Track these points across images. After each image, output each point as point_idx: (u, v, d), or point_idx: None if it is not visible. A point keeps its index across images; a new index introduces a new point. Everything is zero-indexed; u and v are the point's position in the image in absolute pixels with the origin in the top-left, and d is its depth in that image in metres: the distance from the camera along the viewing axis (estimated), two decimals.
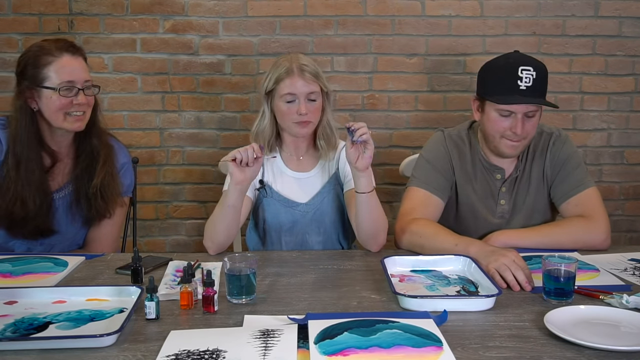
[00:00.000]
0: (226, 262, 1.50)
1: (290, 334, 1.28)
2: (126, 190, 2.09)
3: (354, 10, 2.82)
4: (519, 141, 1.91)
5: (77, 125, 1.88)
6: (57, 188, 1.96)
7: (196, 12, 2.81)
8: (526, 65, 1.85)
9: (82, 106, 1.87)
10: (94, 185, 1.93)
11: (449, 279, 1.64)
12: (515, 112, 1.87)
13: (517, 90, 1.84)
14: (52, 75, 1.83)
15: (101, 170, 1.94)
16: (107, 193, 1.95)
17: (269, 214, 2.01)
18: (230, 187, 1.79)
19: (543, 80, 1.88)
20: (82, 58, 1.91)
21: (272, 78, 1.94)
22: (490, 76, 1.93)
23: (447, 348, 1.22)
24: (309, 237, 2.02)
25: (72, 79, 1.84)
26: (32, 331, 1.31)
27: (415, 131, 2.92)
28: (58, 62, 1.84)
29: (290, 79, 1.91)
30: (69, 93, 1.84)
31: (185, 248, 2.97)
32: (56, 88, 1.82)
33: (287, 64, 1.93)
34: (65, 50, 1.86)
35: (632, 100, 2.93)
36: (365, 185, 1.78)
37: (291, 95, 1.91)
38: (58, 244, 2.00)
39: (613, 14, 2.84)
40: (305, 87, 1.91)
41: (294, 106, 1.91)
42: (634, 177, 2.99)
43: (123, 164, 2.06)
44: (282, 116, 1.94)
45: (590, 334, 1.29)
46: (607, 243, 1.89)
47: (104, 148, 1.97)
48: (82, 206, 1.96)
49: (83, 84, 1.87)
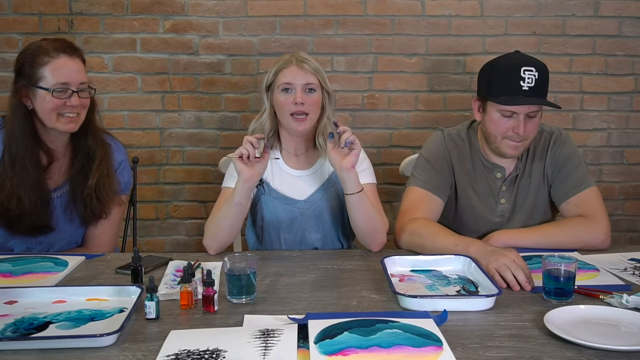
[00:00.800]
0: (226, 262, 1.50)
1: (290, 334, 1.28)
2: (124, 188, 2.08)
3: (354, 10, 2.82)
4: (520, 142, 1.91)
5: (70, 126, 1.88)
6: (54, 187, 1.96)
7: (196, 12, 2.81)
8: (528, 65, 1.85)
9: (75, 108, 1.86)
10: (89, 186, 1.93)
11: (449, 278, 1.64)
12: (517, 113, 1.87)
13: (520, 91, 1.84)
14: (47, 76, 1.83)
15: (96, 171, 1.94)
16: (103, 193, 1.95)
17: (268, 212, 2.01)
18: (239, 185, 1.80)
19: (545, 81, 1.88)
20: (79, 59, 1.91)
21: (272, 72, 1.96)
22: (492, 77, 1.93)
23: (447, 348, 1.22)
24: (307, 234, 2.02)
25: (67, 80, 1.84)
26: (32, 331, 1.31)
27: (415, 131, 2.92)
28: (54, 63, 1.83)
29: (288, 69, 1.93)
30: (63, 95, 1.84)
31: (185, 248, 2.97)
32: (50, 89, 1.82)
33: (287, 57, 1.96)
34: (63, 52, 1.86)
35: (632, 100, 2.93)
36: (353, 186, 1.81)
37: (288, 85, 1.91)
38: (57, 242, 2.00)
39: (613, 14, 2.84)
40: (303, 77, 1.92)
41: (290, 96, 1.91)
42: (634, 177, 2.99)
43: (120, 162, 2.05)
44: (280, 108, 1.93)
45: (590, 334, 1.29)
46: (607, 243, 1.89)
47: (100, 148, 1.97)
48: (78, 206, 1.96)
49: (78, 86, 1.86)
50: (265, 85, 1.98)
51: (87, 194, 1.93)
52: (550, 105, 1.89)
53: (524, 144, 1.93)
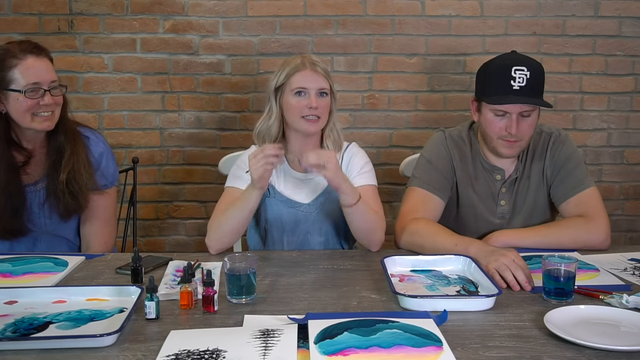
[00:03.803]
0: (226, 262, 1.50)
1: (290, 334, 1.28)
2: (112, 180, 2.06)
3: (354, 10, 2.82)
4: (515, 142, 1.91)
5: (45, 124, 1.88)
6: (32, 182, 1.95)
7: (196, 12, 2.81)
8: (520, 65, 1.85)
9: (49, 106, 1.86)
10: (60, 181, 1.92)
11: (449, 278, 1.64)
12: (510, 113, 1.87)
13: (511, 91, 1.85)
14: (18, 78, 1.83)
15: (66, 166, 1.92)
16: (76, 188, 1.93)
17: (272, 214, 2.00)
18: (255, 193, 1.79)
19: (538, 80, 1.88)
20: (47, 59, 1.90)
21: (283, 73, 1.93)
22: (485, 77, 1.93)
23: (447, 348, 1.22)
24: (310, 238, 2.02)
25: (38, 80, 1.84)
26: (32, 331, 1.31)
27: (415, 131, 2.92)
28: (23, 64, 1.83)
29: (302, 72, 1.91)
30: (35, 94, 1.84)
31: (185, 248, 2.97)
32: (22, 90, 1.82)
33: (299, 60, 1.94)
34: (29, 52, 1.86)
35: (632, 100, 2.93)
36: (344, 200, 1.80)
37: (302, 88, 1.90)
38: (40, 238, 1.99)
39: (613, 14, 2.84)
40: (317, 81, 1.91)
41: (303, 100, 1.90)
42: (634, 177, 2.99)
43: (101, 154, 2.03)
44: (292, 111, 1.92)
45: (590, 334, 1.29)
46: (607, 243, 1.89)
47: (70, 142, 1.95)
48: (52, 201, 1.94)
49: (49, 85, 1.86)
50: (274, 87, 1.95)
51: (59, 190, 1.92)
52: (541, 105, 1.88)
53: (519, 144, 1.92)
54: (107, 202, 2.04)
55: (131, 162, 2.44)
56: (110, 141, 2.27)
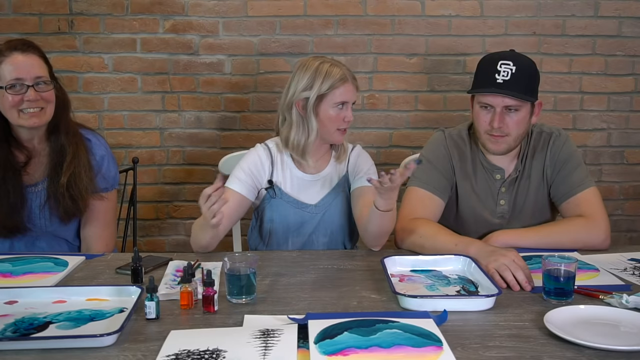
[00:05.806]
0: (226, 262, 1.50)
1: (290, 334, 1.28)
2: (112, 183, 2.05)
3: (354, 10, 2.83)
4: (500, 136, 1.90)
5: (32, 121, 1.86)
6: (33, 182, 1.95)
7: (196, 12, 2.81)
8: (506, 60, 1.87)
9: (34, 102, 1.84)
10: (62, 184, 1.91)
11: (449, 278, 1.64)
12: (494, 106, 1.87)
13: (494, 84, 1.86)
14: (3, 74, 1.83)
15: (67, 169, 1.92)
16: (76, 192, 1.92)
17: (277, 215, 2.00)
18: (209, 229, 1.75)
19: (524, 76, 1.88)
20: (35, 55, 1.88)
21: (326, 84, 1.90)
22: (476, 71, 1.98)
23: (447, 348, 1.22)
24: (315, 238, 2.02)
25: (20, 76, 1.83)
26: (32, 331, 1.31)
27: (415, 131, 2.92)
28: (7, 61, 1.83)
29: (346, 86, 1.92)
30: (19, 90, 1.83)
31: (185, 248, 2.97)
32: (4, 86, 1.83)
33: (339, 72, 1.92)
34: (15, 49, 1.85)
35: (632, 100, 2.93)
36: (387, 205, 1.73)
37: (344, 102, 1.93)
38: (40, 238, 1.99)
39: (613, 14, 2.85)
40: (355, 94, 1.96)
41: (342, 112, 1.93)
42: (634, 177, 2.99)
43: (102, 157, 2.02)
44: (330, 122, 1.93)
45: (590, 334, 1.29)
46: (607, 243, 1.89)
47: (72, 145, 1.94)
48: (52, 204, 1.94)
49: (34, 80, 1.84)
50: (314, 97, 1.90)
51: (60, 193, 1.91)
52: (520, 98, 1.85)
53: (505, 139, 1.91)
54: (108, 205, 2.04)
55: (131, 162, 2.44)
56: (110, 141, 2.27)
